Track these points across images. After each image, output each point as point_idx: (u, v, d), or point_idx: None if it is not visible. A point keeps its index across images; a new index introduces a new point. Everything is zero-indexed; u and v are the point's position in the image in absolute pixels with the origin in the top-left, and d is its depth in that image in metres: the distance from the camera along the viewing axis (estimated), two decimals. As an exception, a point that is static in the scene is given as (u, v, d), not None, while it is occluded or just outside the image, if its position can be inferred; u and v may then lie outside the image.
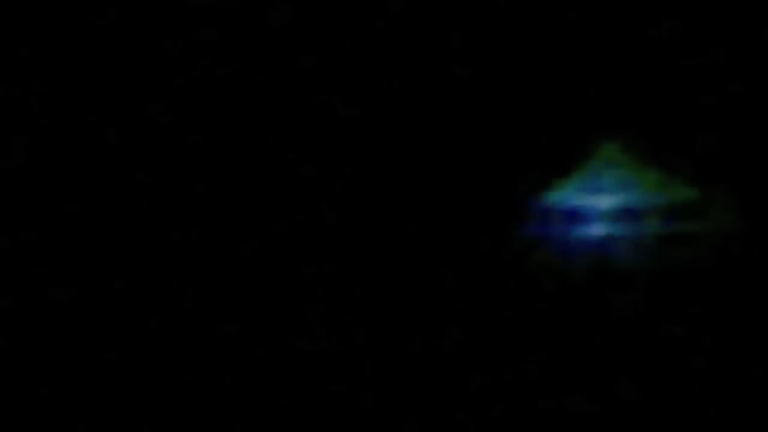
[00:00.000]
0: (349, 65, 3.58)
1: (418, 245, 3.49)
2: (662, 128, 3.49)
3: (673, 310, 3.35)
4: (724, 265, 3.37)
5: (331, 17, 3.57)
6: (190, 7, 3.57)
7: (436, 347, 3.39)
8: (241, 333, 3.48)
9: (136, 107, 3.60)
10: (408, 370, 3.37)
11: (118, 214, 3.57)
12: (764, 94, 3.49)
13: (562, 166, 3.44)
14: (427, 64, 3.56)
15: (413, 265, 3.48)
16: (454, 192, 3.52)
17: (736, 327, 3.33)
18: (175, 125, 3.60)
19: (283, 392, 3.37)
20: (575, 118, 3.51)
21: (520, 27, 3.52)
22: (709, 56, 3.48)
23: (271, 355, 3.44)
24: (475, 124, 3.53)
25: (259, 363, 3.43)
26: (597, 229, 3.35)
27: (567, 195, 3.40)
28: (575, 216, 3.37)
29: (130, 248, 3.56)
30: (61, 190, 3.58)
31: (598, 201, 3.37)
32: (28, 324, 3.49)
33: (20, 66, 3.59)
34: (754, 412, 3.20)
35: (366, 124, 3.56)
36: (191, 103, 3.60)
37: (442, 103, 3.55)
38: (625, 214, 3.35)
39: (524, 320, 3.39)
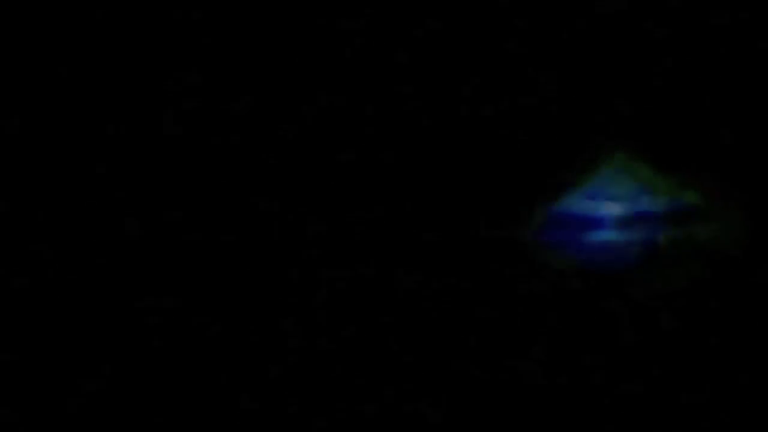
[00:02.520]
0: (356, 69, 3.57)
1: (429, 251, 3.49)
2: (674, 134, 3.49)
3: (684, 316, 3.35)
4: (736, 271, 3.37)
5: (335, 18, 3.57)
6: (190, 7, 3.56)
7: (445, 352, 3.39)
8: (240, 333, 3.47)
9: (136, 107, 3.59)
10: (418, 373, 3.38)
11: (118, 215, 3.56)
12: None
13: (572, 173, 3.43)
14: (437, 70, 3.55)
15: (422, 271, 3.47)
16: (464, 197, 3.51)
17: (747, 332, 3.33)
18: (175, 126, 3.59)
19: (283, 392, 3.37)
20: (586, 124, 3.50)
21: (531, 33, 3.52)
22: (721, 63, 3.48)
23: (270, 355, 3.43)
24: (486, 130, 3.53)
25: (259, 363, 3.43)
26: (608, 236, 3.34)
27: (578, 201, 3.40)
28: (586, 222, 3.36)
29: (127, 248, 3.54)
30: (60, 190, 3.57)
31: (610, 207, 3.37)
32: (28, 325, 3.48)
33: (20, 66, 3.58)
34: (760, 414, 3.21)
35: (376, 130, 3.56)
36: (192, 103, 3.59)
37: (453, 109, 3.54)
38: (636, 220, 3.35)
39: (534, 325, 3.39)
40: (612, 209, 3.36)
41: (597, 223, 3.36)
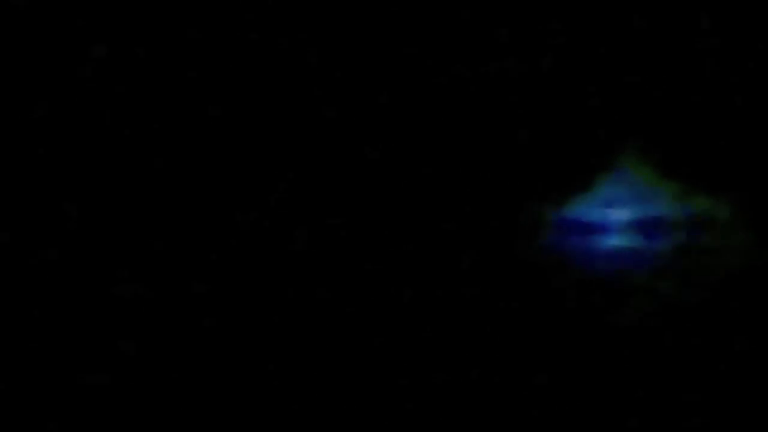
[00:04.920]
0: (364, 73, 3.57)
1: (437, 256, 3.48)
2: (681, 139, 3.48)
3: (693, 322, 3.35)
4: (744, 277, 3.36)
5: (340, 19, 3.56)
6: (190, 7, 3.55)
7: (450, 358, 3.39)
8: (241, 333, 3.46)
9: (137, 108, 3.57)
10: (422, 377, 3.38)
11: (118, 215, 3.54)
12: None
13: (580, 178, 3.43)
14: (444, 75, 3.54)
15: (430, 276, 3.46)
16: (472, 204, 3.50)
17: (757, 340, 3.33)
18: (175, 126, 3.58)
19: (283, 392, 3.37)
20: (593, 129, 3.49)
21: (538, 38, 3.51)
22: (731, 66, 3.47)
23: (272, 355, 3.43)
24: (494, 136, 3.52)
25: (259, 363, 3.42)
26: (615, 241, 3.33)
27: (585, 207, 3.39)
28: (593, 228, 3.35)
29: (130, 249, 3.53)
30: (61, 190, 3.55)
31: (617, 213, 3.35)
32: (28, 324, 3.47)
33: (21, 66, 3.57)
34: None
35: (383, 134, 3.55)
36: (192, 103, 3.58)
37: (461, 115, 3.54)
38: (643, 226, 3.33)
39: (541, 330, 3.39)
40: (619, 215, 3.35)
41: (604, 228, 3.34)
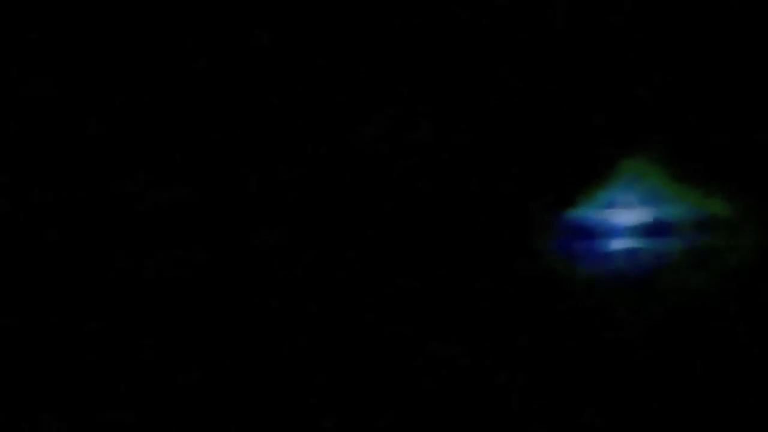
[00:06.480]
0: (368, 79, 3.56)
1: (444, 260, 3.47)
2: (689, 141, 3.47)
3: (700, 324, 3.34)
4: (752, 278, 3.35)
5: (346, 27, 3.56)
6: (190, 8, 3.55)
7: (457, 361, 3.39)
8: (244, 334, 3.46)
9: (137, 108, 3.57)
10: (426, 379, 3.38)
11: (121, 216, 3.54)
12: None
13: (588, 181, 3.42)
14: (453, 77, 3.54)
15: (439, 280, 3.46)
16: (481, 207, 3.49)
17: (763, 340, 3.33)
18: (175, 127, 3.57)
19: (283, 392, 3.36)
20: (602, 132, 3.48)
21: (547, 41, 3.51)
22: (737, 69, 3.47)
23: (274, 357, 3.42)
24: (503, 140, 3.51)
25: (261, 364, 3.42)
26: (624, 244, 3.33)
27: (594, 210, 3.38)
28: (602, 231, 3.35)
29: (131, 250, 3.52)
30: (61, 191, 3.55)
31: (625, 215, 3.35)
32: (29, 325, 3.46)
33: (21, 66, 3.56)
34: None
35: (393, 138, 3.54)
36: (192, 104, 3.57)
37: (468, 118, 3.53)
38: (652, 228, 3.33)
39: (549, 332, 3.39)
40: (627, 218, 3.35)
41: (613, 231, 3.34)
